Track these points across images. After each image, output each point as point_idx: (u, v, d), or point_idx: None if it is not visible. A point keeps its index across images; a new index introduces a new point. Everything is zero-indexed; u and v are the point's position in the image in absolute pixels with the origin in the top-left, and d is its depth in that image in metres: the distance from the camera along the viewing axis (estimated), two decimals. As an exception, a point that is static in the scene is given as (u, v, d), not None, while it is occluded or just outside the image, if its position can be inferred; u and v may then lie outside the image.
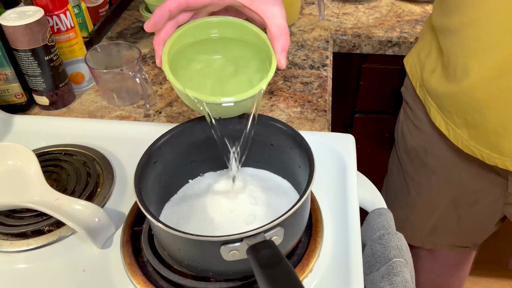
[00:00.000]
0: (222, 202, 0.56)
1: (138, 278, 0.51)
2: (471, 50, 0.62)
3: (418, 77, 0.78)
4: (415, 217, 0.92)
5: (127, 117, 0.78)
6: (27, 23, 0.68)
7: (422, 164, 0.83)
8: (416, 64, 0.78)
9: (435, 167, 0.81)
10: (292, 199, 0.56)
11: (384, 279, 0.54)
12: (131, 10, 1.12)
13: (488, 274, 1.48)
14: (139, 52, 0.78)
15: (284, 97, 0.81)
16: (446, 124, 0.71)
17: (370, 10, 1.07)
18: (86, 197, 0.61)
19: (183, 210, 0.56)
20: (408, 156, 0.87)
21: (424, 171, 0.84)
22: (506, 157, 0.65)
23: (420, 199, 0.88)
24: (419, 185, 0.87)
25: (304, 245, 0.55)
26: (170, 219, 0.55)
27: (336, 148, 0.67)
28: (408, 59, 0.83)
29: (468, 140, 0.68)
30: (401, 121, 0.88)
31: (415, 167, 0.86)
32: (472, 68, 0.62)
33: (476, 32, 0.60)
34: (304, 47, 0.95)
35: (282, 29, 0.50)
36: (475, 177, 0.77)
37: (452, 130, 0.70)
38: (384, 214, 0.63)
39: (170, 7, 0.48)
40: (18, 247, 0.56)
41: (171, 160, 0.57)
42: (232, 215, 0.54)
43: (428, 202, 0.87)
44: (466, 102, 0.65)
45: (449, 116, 0.70)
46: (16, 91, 0.77)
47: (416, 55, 0.79)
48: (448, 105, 0.69)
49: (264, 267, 0.39)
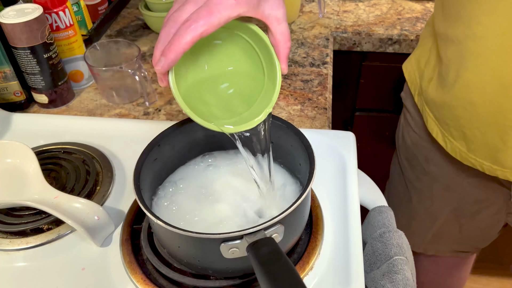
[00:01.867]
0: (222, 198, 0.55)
1: (138, 276, 0.51)
2: (472, 64, 0.60)
3: (417, 85, 0.76)
4: (417, 224, 0.90)
5: (127, 115, 0.78)
6: (26, 21, 0.68)
7: (423, 172, 0.82)
8: (415, 71, 0.77)
9: (437, 175, 0.80)
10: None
11: (385, 277, 0.54)
12: (130, 8, 1.12)
13: (489, 272, 1.48)
14: (138, 50, 0.78)
15: (284, 95, 0.81)
16: (443, 136, 0.70)
17: (371, 8, 1.07)
18: (85, 195, 0.61)
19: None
20: (409, 163, 0.85)
21: (426, 179, 0.82)
22: (507, 168, 0.63)
23: (422, 207, 0.87)
24: (421, 193, 0.85)
25: (305, 243, 0.55)
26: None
27: (337, 146, 0.67)
28: (407, 65, 0.80)
29: (467, 153, 0.67)
30: (402, 126, 0.87)
31: (417, 174, 0.84)
32: (472, 83, 0.61)
33: (478, 47, 0.58)
34: (304, 44, 0.95)
35: (286, 36, 0.47)
36: (476, 187, 0.76)
37: (450, 142, 0.69)
38: (385, 212, 0.63)
39: (185, 48, 0.42)
40: (17, 245, 0.56)
41: (170, 158, 0.57)
42: (231, 211, 0.54)
43: (429, 210, 0.86)
44: (465, 117, 0.64)
45: (446, 129, 0.69)
46: (15, 89, 0.77)
47: (415, 62, 0.77)
48: (445, 117, 0.68)
49: (264, 264, 0.39)
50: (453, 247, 0.92)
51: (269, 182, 0.51)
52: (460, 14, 0.60)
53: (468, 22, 0.59)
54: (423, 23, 1.00)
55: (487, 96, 0.60)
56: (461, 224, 0.85)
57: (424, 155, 0.80)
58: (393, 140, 1.16)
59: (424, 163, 0.81)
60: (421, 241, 0.93)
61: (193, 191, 0.57)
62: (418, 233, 0.91)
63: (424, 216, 0.88)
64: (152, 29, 1.00)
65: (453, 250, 0.93)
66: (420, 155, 0.81)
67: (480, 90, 0.60)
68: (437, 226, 0.87)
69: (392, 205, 0.95)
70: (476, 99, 0.61)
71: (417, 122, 0.79)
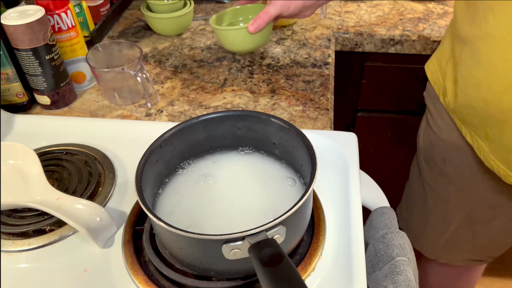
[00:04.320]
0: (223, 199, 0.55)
1: (140, 277, 0.51)
2: (481, 64, 0.61)
3: (440, 85, 0.76)
4: (431, 228, 0.90)
5: (129, 116, 0.78)
6: (28, 22, 0.68)
7: (441, 173, 0.81)
8: (438, 72, 0.77)
9: (453, 177, 0.79)
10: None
11: (387, 278, 0.54)
12: (132, 9, 1.12)
13: (491, 273, 1.48)
14: (140, 51, 0.78)
15: (286, 95, 0.81)
16: (471, 135, 0.70)
17: (372, 8, 1.07)
18: (87, 196, 0.61)
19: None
20: (427, 163, 0.85)
21: (442, 180, 0.82)
22: None
23: (436, 209, 0.86)
24: (436, 194, 0.85)
25: (307, 244, 0.54)
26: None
27: (339, 146, 0.67)
28: (429, 65, 0.81)
29: (488, 153, 0.67)
30: (423, 128, 0.86)
31: (434, 175, 0.84)
32: (483, 82, 0.61)
33: (488, 47, 0.60)
34: (306, 45, 0.95)
35: (265, 11, 0.75)
36: (493, 192, 0.75)
37: (476, 141, 0.69)
38: (387, 213, 0.63)
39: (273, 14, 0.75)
40: (20, 247, 0.56)
41: (172, 159, 0.57)
42: (233, 212, 0.53)
43: (443, 214, 0.85)
44: (483, 116, 0.64)
45: (472, 128, 0.69)
46: (18, 90, 0.77)
47: (436, 62, 0.77)
48: (468, 115, 0.68)
49: (266, 266, 0.39)
50: (466, 255, 0.91)
51: None
52: (473, 15, 0.62)
53: (479, 22, 0.60)
54: (425, 24, 1.00)
55: (496, 94, 0.60)
56: (475, 231, 0.84)
57: (442, 156, 0.80)
58: (395, 141, 1.16)
59: (441, 163, 0.80)
60: (434, 247, 0.92)
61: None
62: (431, 237, 0.91)
63: (438, 219, 0.87)
64: (154, 30, 1.00)
65: (466, 259, 0.92)
66: (438, 156, 0.81)
67: (490, 89, 0.61)
68: (450, 232, 0.86)
69: (411, 206, 0.95)
70: (488, 97, 0.62)
71: (436, 121, 0.79)
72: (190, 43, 0.98)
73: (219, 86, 0.84)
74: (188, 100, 0.81)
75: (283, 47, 0.94)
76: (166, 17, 0.95)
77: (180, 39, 0.99)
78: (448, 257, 0.93)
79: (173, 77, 0.87)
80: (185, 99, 0.81)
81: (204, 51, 0.95)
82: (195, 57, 0.93)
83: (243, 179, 0.58)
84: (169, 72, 0.89)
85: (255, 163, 0.60)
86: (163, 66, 0.91)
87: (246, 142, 0.61)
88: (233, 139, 0.60)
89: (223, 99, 0.81)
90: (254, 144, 0.61)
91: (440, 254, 0.93)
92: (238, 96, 0.81)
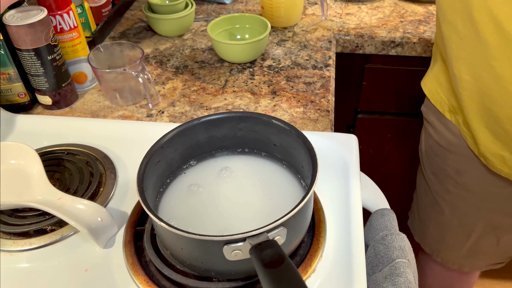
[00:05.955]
0: (224, 200, 0.56)
1: (141, 277, 0.51)
2: (457, 63, 0.64)
3: (443, 102, 0.75)
4: (451, 238, 0.88)
5: (130, 117, 0.78)
6: (30, 23, 0.68)
7: (455, 184, 0.80)
8: (437, 88, 0.76)
9: (471, 187, 0.78)
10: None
11: (387, 279, 0.54)
12: (134, 10, 1.13)
13: (491, 275, 1.48)
14: (142, 52, 0.78)
15: (286, 97, 0.81)
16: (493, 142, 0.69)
17: (373, 11, 1.07)
18: (88, 196, 0.61)
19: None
20: (436, 177, 0.84)
21: (458, 192, 0.81)
22: None
23: (455, 219, 0.85)
24: (453, 205, 0.84)
25: (307, 245, 0.55)
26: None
27: (339, 148, 0.67)
28: (426, 82, 0.80)
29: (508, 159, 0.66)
30: (424, 141, 0.86)
31: (446, 187, 0.82)
32: (464, 80, 0.64)
33: (457, 48, 0.64)
34: (307, 47, 0.95)
35: None
36: None
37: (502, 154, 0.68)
38: (387, 215, 0.63)
39: None
40: (21, 246, 0.56)
41: (173, 159, 0.57)
42: (234, 213, 0.54)
43: (464, 223, 0.84)
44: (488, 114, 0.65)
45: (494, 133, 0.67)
46: (19, 90, 0.77)
47: (434, 79, 0.77)
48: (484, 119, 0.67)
49: (267, 267, 0.39)
50: (489, 260, 0.90)
51: None
52: (452, 16, 0.65)
53: (455, 24, 0.64)
54: (425, 26, 1.00)
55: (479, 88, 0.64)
56: (498, 237, 0.83)
57: (455, 168, 0.79)
58: (395, 143, 1.16)
59: (456, 175, 0.79)
60: (457, 256, 0.91)
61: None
62: (453, 247, 0.89)
63: (458, 229, 0.86)
64: (156, 31, 1.01)
65: (489, 264, 0.91)
66: (450, 169, 0.80)
67: (470, 84, 0.64)
68: (473, 240, 0.85)
69: (423, 216, 0.94)
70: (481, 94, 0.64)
71: (444, 136, 0.78)
72: (192, 44, 0.98)
73: (220, 87, 0.84)
74: (189, 101, 0.81)
75: (284, 49, 0.95)
76: (167, 18, 0.95)
77: (181, 40, 0.99)
78: (472, 265, 0.92)
79: (174, 78, 0.87)
80: (186, 100, 0.81)
81: (205, 52, 0.95)
82: (196, 58, 0.93)
83: (244, 180, 0.58)
84: (170, 73, 0.89)
85: (256, 165, 0.60)
86: (164, 67, 0.91)
87: (247, 144, 0.61)
88: (234, 140, 0.60)
89: (224, 100, 0.81)
90: (255, 145, 0.61)
91: (464, 263, 0.92)
92: (239, 97, 0.81)
